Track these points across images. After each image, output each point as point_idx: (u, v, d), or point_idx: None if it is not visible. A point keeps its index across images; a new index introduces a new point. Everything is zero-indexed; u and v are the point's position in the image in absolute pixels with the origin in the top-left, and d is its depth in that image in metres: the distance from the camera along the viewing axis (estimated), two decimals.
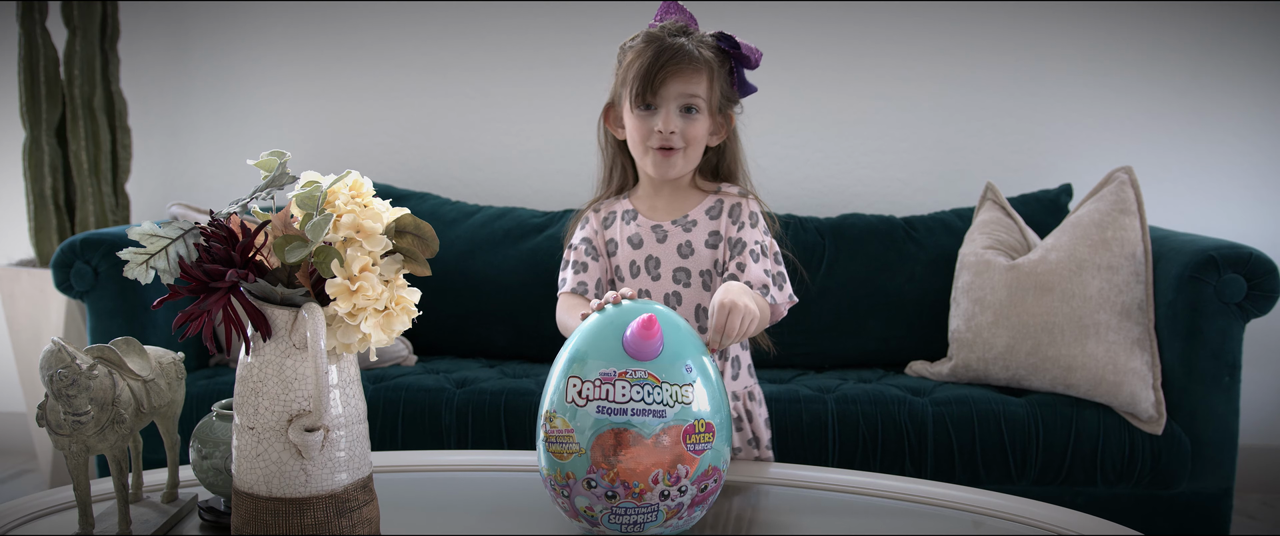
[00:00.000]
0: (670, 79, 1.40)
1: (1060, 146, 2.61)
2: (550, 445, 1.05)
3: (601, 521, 1.05)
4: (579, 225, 1.55)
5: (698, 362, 1.07)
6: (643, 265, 1.47)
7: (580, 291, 1.48)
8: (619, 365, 1.04)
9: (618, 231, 1.51)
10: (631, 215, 1.50)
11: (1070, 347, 1.93)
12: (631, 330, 1.04)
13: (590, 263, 1.49)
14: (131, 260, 0.95)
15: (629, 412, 1.02)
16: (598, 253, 1.51)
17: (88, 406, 0.98)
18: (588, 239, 1.52)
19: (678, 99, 1.41)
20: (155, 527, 1.08)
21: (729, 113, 1.49)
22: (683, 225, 1.47)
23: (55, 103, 2.58)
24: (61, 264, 2.04)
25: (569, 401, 1.04)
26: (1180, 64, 2.57)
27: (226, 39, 2.77)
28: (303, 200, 0.95)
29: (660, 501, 1.03)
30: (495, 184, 2.74)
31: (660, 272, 1.46)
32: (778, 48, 2.64)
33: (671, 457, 1.03)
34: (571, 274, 1.50)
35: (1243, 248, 1.91)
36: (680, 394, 1.04)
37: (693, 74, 1.41)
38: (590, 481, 1.03)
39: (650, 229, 1.47)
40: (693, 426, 1.04)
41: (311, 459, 0.96)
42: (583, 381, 1.04)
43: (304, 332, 0.95)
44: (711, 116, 1.45)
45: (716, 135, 1.48)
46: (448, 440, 1.95)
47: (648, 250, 1.47)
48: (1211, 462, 1.91)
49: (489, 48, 2.72)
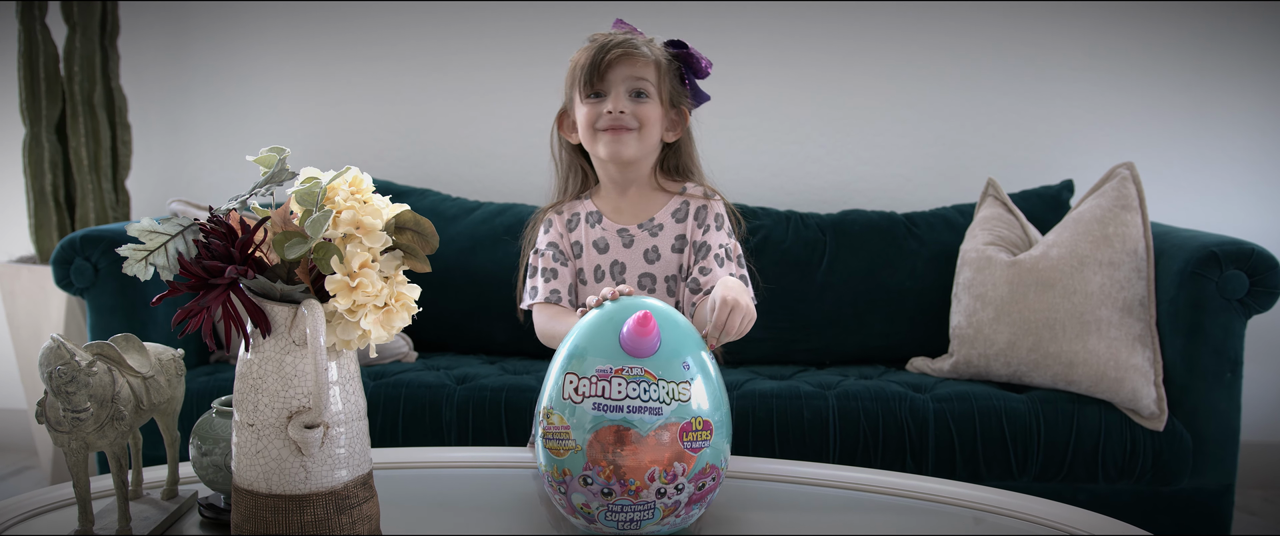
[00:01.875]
0: (616, 64, 1.42)
1: (1062, 142, 2.61)
2: (547, 442, 1.05)
3: (598, 518, 1.04)
4: (542, 228, 1.52)
5: (697, 360, 1.06)
6: (608, 270, 1.45)
7: (554, 300, 1.45)
8: (616, 362, 1.03)
9: (582, 234, 1.49)
10: (596, 217, 1.48)
11: (1072, 344, 1.92)
12: (628, 327, 1.04)
13: (560, 268, 1.47)
14: (130, 256, 0.95)
15: (625, 409, 1.02)
16: (566, 257, 1.49)
17: (87, 403, 0.98)
18: (554, 243, 1.49)
19: (626, 82, 1.42)
20: (155, 524, 1.08)
21: (683, 108, 1.49)
22: (649, 229, 1.45)
23: (55, 99, 2.57)
24: (61, 260, 2.04)
25: (565, 398, 1.03)
26: (1182, 60, 2.56)
27: (226, 35, 2.77)
28: (302, 196, 0.95)
29: (657, 499, 1.03)
30: (496, 180, 2.73)
31: (625, 278, 1.45)
32: (779, 44, 2.64)
33: (669, 455, 1.02)
34: (542, 283, 1.47)
35: (1245, 244, 1.91)
36: (677, 391, 1.03)
37: (639, 61, 1.43)
38: (587, 478, 1.02)
39: (616, 233, 1.46)
40: (690, 424, 1.03)
41: (311, 455, 0.96)
42: (579, 378, 1.03)
43: (303, 329, 0.95)
44: (663, 106, 1.45)
45: (672, 131, 1.48)
46: (448, 437, 1.95)
47: (613, 254, 1.46)
48: (1213, 459, 1.90)
49: (490, 43, 2.71)
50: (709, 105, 1.55)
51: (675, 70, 1.48)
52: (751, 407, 1.91)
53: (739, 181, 2.66)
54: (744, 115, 2.66)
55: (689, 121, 1.51)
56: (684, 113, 1.49)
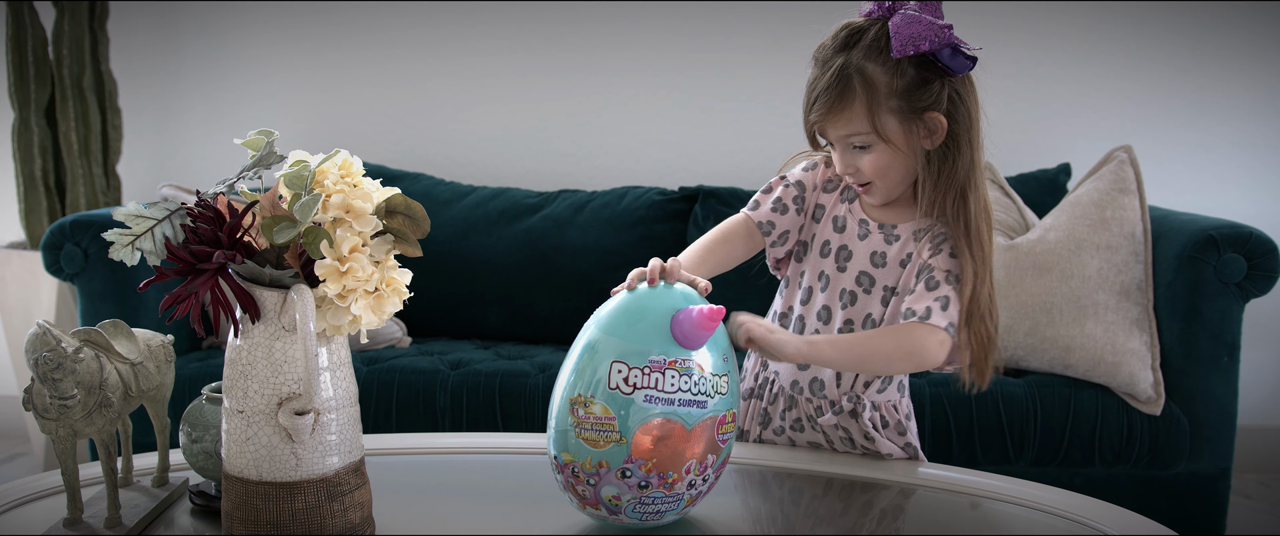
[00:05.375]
0: (823, 124, 1.25)
1: (1059, 125, 2.60)
2: (583, 431, 1.01)
3: (624, 511, 1.02)
4: (805, 165, 1.37)
5: (730, 353, 1.06)
6: (835, 251, 1.33)
7: (765, 230, 1.33)
8: (669, 353, 1.00)
9: (832, 201, 1.34)
10: (852, 194, 1.34)
11: (1069, 328, 1.92)
12: (695, 318, 1.00)
13: (792, 210, 1.34)
14: (117, 241, 0.93)
15: (676, 402, 0.99)
16: (805, 207, 1.35)
17: (74, 390, 0.96)
18: (802, 183, 1.35)
19: (841, 141, 1.25)
20: (145, 512, 1.07)
21: (933, 115, 1.22)
22: (887, 234, 1.30)
23: (44, 83, 2.55)
24: (51, 246, 2.02)
25: (613, 387, 0.99)
26: (1180, 43, 2.55)
27: (217, 19, 2.74)
28: (291, 180, 0.93)
29: (687, 491, 1.02)
30: (490, 164, 2.72)
31: (848, 267, 1.31)
32: (770, 25, 2.62)
33: (705, 448, 1.01)
34: (767, 207, 1.34)
35: (1243, 227, 1.90)
36: (719, 384, 1.02)
37: (843, 112, 1.22)
38: (625, 471, 0.99)
39: (858, 220, 1.32)
40: (724, 417, 1.02)
41: (302, 442, 0.95)
42: (630, 368, 0.99)
43: (293, 314, 0.94)
44: (901, 133, 1.22)
45: (929, 139, 1.24)
46: (442, 422, 1.94)
47: (845, 239, 1.32)
48: (1210, 443, 1.90)
49: (484, 26, 2.69)
50: (697, 91, 1.48)
51: (904, 78, 1.21)
52: None
53: (730, 166, 2.64)
54: (736, 99, 2.64)
55: (946, 126, 1.24)
56: (938, 120, 1.23)
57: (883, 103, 1.21)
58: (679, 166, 2.69)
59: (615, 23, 2.66)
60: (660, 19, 2.65)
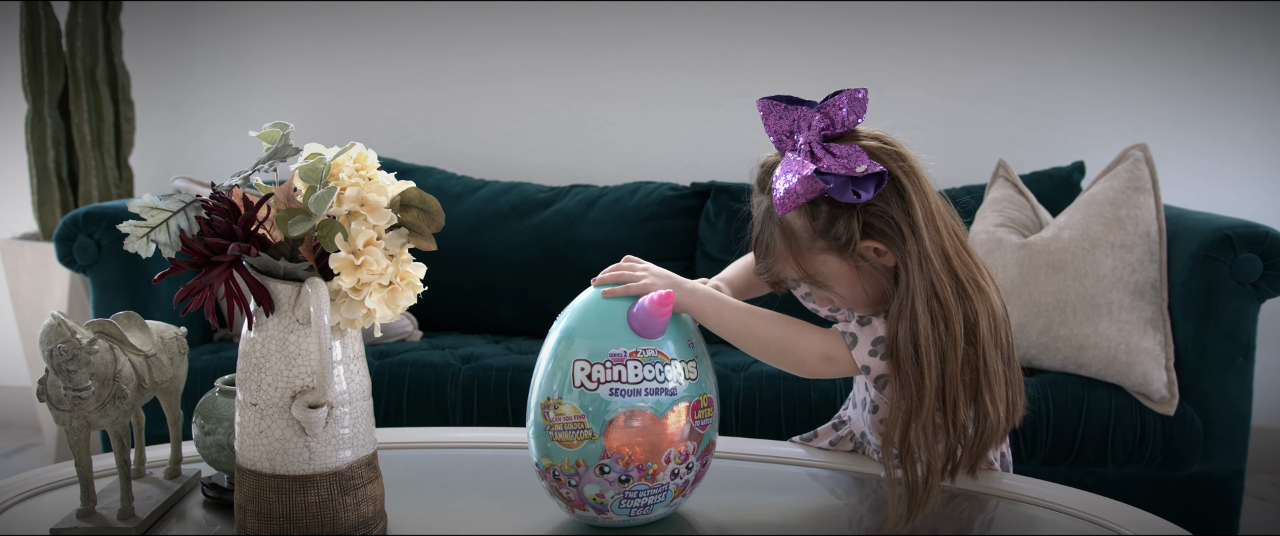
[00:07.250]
0: (767, 275, 1.20)
1: (1073, 123, 2.58)
2: (556, 433, 1.01)
3: (610, 508, 1.02)
4: None
5: (696, 337, 1.07)
6: None
7: None
8: (628, 344, 1.02)
9: None
10: None
11: (1082, 327, 1.91)
12: (647, 306, 1.02)
13: None
14: (132, 233, 0.93)
15: (643, 392, 1.00)
16: None
17: (88, 381, 0.96)
18: None
19: (790, 282, 1.21)
20: (157, 504, 1.07)
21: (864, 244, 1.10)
22: None
23: (57, 75, 2.56)
24: (64, 237, 2.02)
25: (578, 386, 1.00)
26: (1195, 41, 2.53)
27: (230, 11, 2.74)
28: (306, 173, 0.93)
29: (670, 480, 1.02)
30: (501, 159, 2.72)
31: None
32: (785, 24, 2.61)
33: (682, 435, 1.01)
34: None
35: (1259, 227, 1.89)
36: (687, 370, 1.03)
37: (777, 261, 1.16)
38: (603, 467, 1.00)
39: None
40: (699, 402, 1.03)
41: (315, 436, 0.95)
42: (592, 364, 1.01)
43: (307, 308, 0.93)
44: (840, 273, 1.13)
45: (880, 258, 1.12)
46: (453, 417, 1.94)
47: None
48: (1223, 444, 1.89)
49: (496, 21, 2.69)
50: (709, 86, 1.45)
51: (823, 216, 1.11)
52: (759, 389, 1.90)
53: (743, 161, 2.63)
54: (749, 95, 2.63)
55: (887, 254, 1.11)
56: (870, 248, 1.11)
57: (806, 249, 1.13)
58: (691, 162, 2.68)
59: (627, 18, 2.65)
60: (673, 14, 2.64)
